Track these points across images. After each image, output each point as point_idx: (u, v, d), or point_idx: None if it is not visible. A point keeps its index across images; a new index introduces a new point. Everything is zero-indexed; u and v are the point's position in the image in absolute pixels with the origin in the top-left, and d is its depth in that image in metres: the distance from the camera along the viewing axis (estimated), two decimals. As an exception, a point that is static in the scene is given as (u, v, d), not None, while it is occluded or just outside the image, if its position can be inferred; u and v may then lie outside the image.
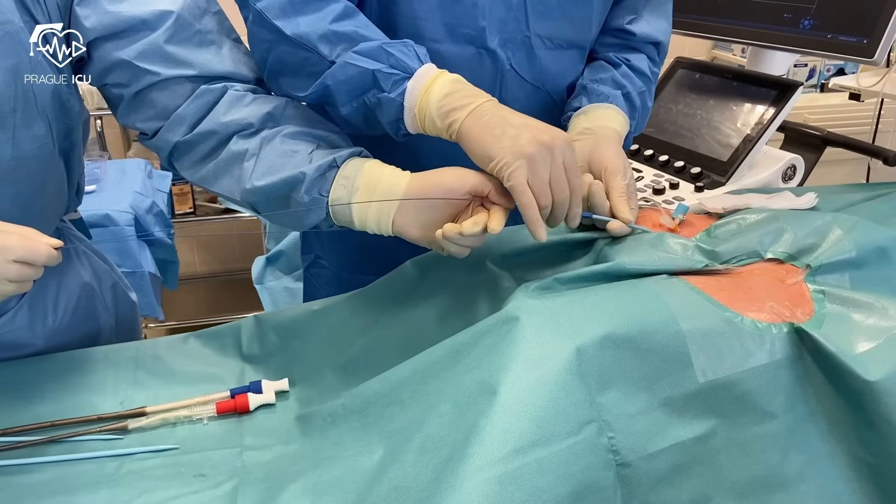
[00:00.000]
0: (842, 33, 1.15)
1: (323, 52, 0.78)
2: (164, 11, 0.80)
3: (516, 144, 0.70)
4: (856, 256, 0.69)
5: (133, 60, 0.79)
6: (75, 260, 0.98)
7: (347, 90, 0.78)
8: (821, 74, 2.69)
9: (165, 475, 0.69)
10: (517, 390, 0.58)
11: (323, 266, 1.06)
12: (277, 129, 0.81)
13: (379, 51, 0.77)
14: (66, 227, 1.00)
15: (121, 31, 0.79)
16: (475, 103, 0.74)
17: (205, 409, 0.77)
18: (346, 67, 0.77)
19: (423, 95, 0.76)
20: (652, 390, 0.61)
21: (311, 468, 0.67)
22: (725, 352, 0.62)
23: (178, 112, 0.81)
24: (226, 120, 0.80)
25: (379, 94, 0.77)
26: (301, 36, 0.78)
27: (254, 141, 0.80)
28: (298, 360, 0.84)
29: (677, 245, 0.74)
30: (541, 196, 0.71)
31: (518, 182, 0.70)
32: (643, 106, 1.00)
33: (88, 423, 0.76)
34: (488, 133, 0.72)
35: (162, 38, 0.80)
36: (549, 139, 0.71)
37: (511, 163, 0.70)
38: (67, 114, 0.83)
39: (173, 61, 0.80)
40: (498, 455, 0.54)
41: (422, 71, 0.77)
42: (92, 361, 0.84)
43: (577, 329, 0.61)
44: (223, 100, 0.82)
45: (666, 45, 1.05)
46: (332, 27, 0.77)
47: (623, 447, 0.58)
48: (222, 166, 0.81)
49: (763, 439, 0.62)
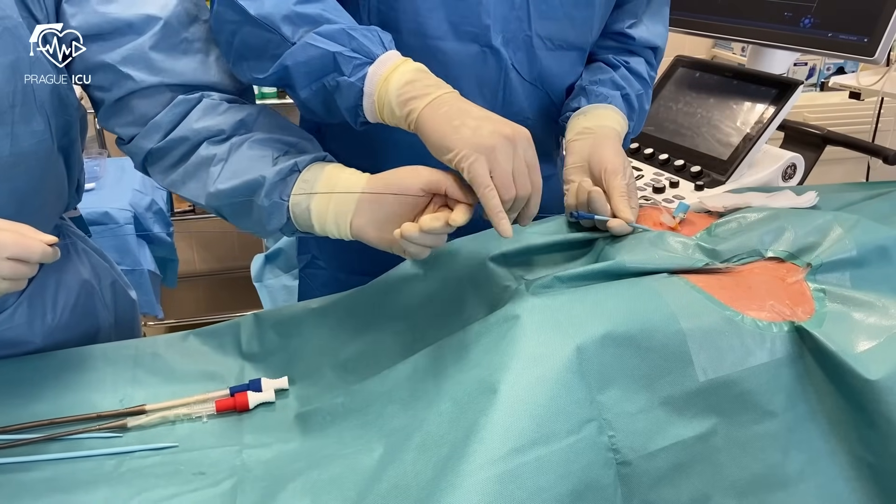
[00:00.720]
0: (842, 32, 1.15)
1: (285, 33, 0.76)
2: (152, 16, 0.79)
3: (476, 136, 0.68)
4: (856, 255, 0.69)
5: (117, 64, 0.79)
6: (75, 257, 0.97)
7: (307, 72, 0.76)
8: (820, 73, 2.69)
9: (164, 473, 0.69)
10: (517, 389, 0.58)
11: (320, 267, 1.06)
12: (247, 135, 0.80)
13: (341, 33, 0.75)
14: (65, 224, 1.00)
15: (106, 32, 0.78)
16: (435, 94, 0.72)
17: (204, 407, 0.77)
18: (307, 48, 0.75)
19: (383, 82, 0.74)
20: (652, 389, 0.61)
21: (311, 466, 0.67)
22: (726, 350, 0.62)
23: (154, 120, 0.81)
24: (198, 126, 0.80)
25: (339, 77, 0.75)
26: (265, 16, 0.76)
27: (223, 147, 0.80)
28: (298, 359, 0.84)
29: (678, 244, 0.74)
30: (503, 189, 0.68)
31: (478, 173, 0.67)
32: (641, 108, 1.00)
33: (87, 421, 0.76)
34: (447, 124, 0.70)
35: (147, 44, 0.79)
36: (510, 132, 0.69)
37: (470, 154, 0.68)
38: (66, 109, 0.83)
39: (156, 69, 0.80)
40: (498, 454, 0.54)
41: (384, 57, 0.75)
42: (91, 359, 0.84)
43: (577, 327, 0.61)
44: (198, 107, 0.81)
45: (663, 50, 1.05)
46: (297, 8, 0.76)
47: (623, 446, 0.58)
48: (191, 170, 0.81)
49: (763, 438, 0.62)
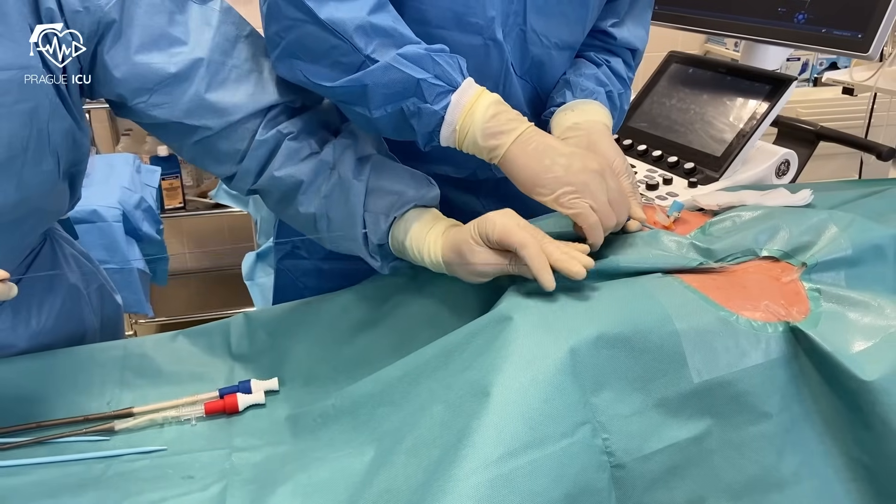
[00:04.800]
0: (836, 28, 1.14)
1: (358, 44, 0.74)
2: (194, 61, 0.77)
3: (569, 174, 0.72)
4: (852, 254, 0.68)
5: (183, 120, 0.78)
6: (62, 261, 0.96)
7: (386, 94, 0.75)
8: (813, 69, 2.69)
9: (152, 477, 0.68)
10: (510, 391, 0.57)
11: (301, 256, 1.04)
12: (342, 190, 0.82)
13: (426, 58, 0.74)
14: (53, 227, 0.98)
15: (152, 85, 0.77)
16: (519, 129, 0.75)
17: (193, 409, 0.76)
18: (390, 71, 0.74)
19: (467, 113, 0.75)
20: (646, 391, 0.60)
21: (301, 469, 0.66)
22: (720, 351, 0.61)
23: (242, 166, 0.82)
24: (281, 174, 0.82)
25: (420, 103, 0.75)
26: (336, 22, 0.73)
27: (316, 202, 0.82)
28: (288, 359, 0.83)
29: (672, 243, 0.73)
30: (606, 218, 0.72)
31: (583, 208, 0.72)
32: (621, 108, 1.00)
33: (75, 425, 0.75)
34: (537, 162, 0.73)
35: (202, 90, 0.78)
36: (598, 166, 0.73)
37: (569, 192, 0.72)
38: (78, 149, 0.82)
39: (220, 110, 0.79)
40: (490, 458, 0.54)
41: (465, 85, 0.75)
42: (78, 361, 0.82)
43: (570, 329, 0.60)
44: (280, 153, 0.82)
45: (641, 53, 1.05)
46: (371, 19, 0.74)
47: (617, 448, 0.58)
48: (301, 222, 0.86)
49: (758, 439, 0.61)
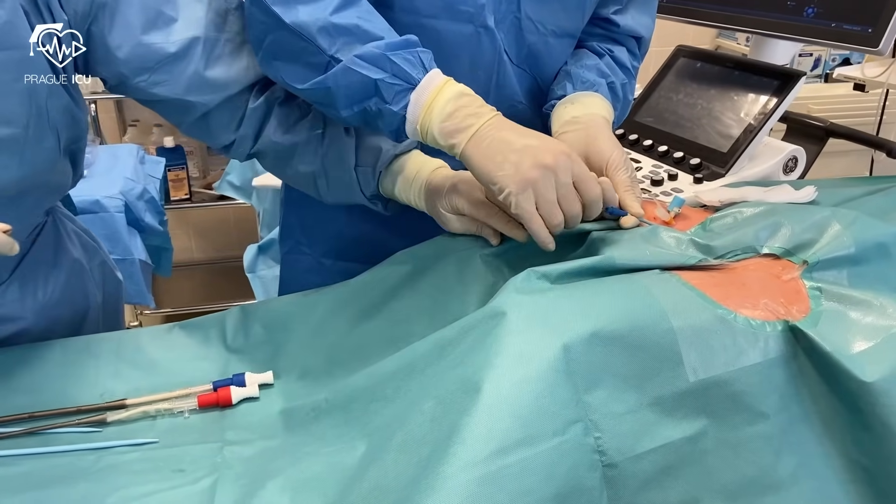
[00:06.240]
0: (846, 22, 1.12)
1: (322, 45, 0.75)
2: (192, 39, 0.80)
3: (518, 172, 0.70)
4: (855, 253, 0.67)
5: (183, 97, 0.81)
6: (65, 237, 0.98)
7: (348, 95, 0.76)
8: (826, 64, 2.65)
9: (143, 469, 0.68)
10: (501, 388, 0.56)
11: (304, 252, 1.04)
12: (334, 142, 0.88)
13: (382, 58, 0.74)
14: (55, 205, 0.99)
15: (153, 64, 0.79)
16: (476, 125, 0.73)
17: (186, 402, 0.76)
18: (349, 73, 0.75)
19: (425, 112, 0.75)
20: (641, 389, 0.59)
21: (292, 464, 0.65)
22: (717, 350, 0.60)
23: (239, 133, 0.87)
24: (278, 139, 0.88)
25: (381, 104, 0.75)
26: (300, 25, 0.75)
27: (313, 161, 0.88)
28: (284, 353, 0.82)
29: (671, 239, 0.72)
30: (548, 217, 0.71)
31: (525, 210, 0.70)
32: (625, 98, 0.98)
33: (67, 416, 0.74)
34: (490, 160, 0.72)
35: (202, 67, 0.81)
36: (551, 160, 0.70)
37: (516, 192, 0.70)
38: (77, 125, 0.83)
39: (219, 85, 0.83)
40: (480, 455, 0.53)
41: (425, 82, 0.75)
42: (73, 352, 0.82)
43: (565, 325, 0.59)
44: (272, 119, 0.87)
45: (647, 42, 1.03)
46: (333, 19, 0.75)
47: (610, 448, 0.57)
48: (300, 182, 0.93)
49: (755, 440, 0.60)
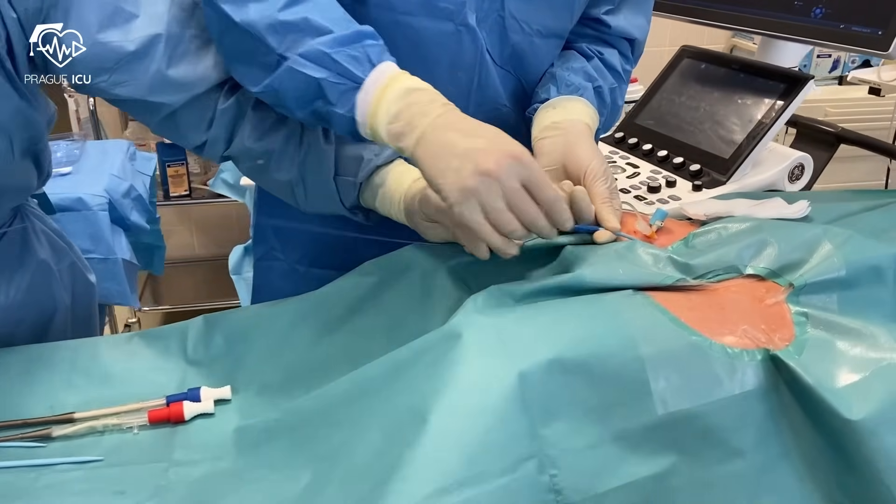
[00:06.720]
0: (855, 24, 1.06)
1: (271, 44, 0.71)
2: (152, 37, 0.75)
3: (459, 180, 0.64)
4: (846, 275, 0.62)
5: (146, 98, 0.77)
6: (32, 237, 0.95)
7: (296, 97, 0.72)
8: (845, 66, 2.57)
9: (83, 490, 0.64)
10: (449, 419, 0.52)
11: (277, 259, 1.01)
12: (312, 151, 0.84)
13: (324, 56, 0.70)
14: (25, 204, 0.97)
15: (111, 64, 0.75)
16: (420, 127, 0.68)
17: (136, 417, 0.72)
18: (293, 73, 0.71)
19: (372, 115, 0.70)
20: (604, 422, 0.54)
21: (234, 491, 0.61)
22: (690, 380, 0.56)
23: (210, 133, 0.82)
24: (251, 145, 0.82)
25: (327, 106, 0.71)
26: (249, 24, 0.71)
27: (290, 169, 0.84)
28: (243, 366, 0.78)
29: (648, 256, 0.67)
30: (500, 225, 0.65)
31: (469, 220, 0.65)
32: (613, 103, 0.93)
33: (12, 429, 0.71)
34: (433, 166, 0.67)
35: (164, 66, 0.76)
36: (493, 166, 0.64)
37: (456, 202, 0.65)
38: (32, 127, 0.79)
39: (185, 84, 0.78)
40: (420, 495, 0.49)
41: (370, 80, 0.70)
42: (27, 360, 0.79)
43: (523, 351, 0.55)
44: (245, 123, 0.82)
45: (641, 44, 0.98)
46: (280, 16, 0.71)
47: (567, 486, 0.52)
48: (274, 188, 0.88)
49: (729, 479, 0.56)
